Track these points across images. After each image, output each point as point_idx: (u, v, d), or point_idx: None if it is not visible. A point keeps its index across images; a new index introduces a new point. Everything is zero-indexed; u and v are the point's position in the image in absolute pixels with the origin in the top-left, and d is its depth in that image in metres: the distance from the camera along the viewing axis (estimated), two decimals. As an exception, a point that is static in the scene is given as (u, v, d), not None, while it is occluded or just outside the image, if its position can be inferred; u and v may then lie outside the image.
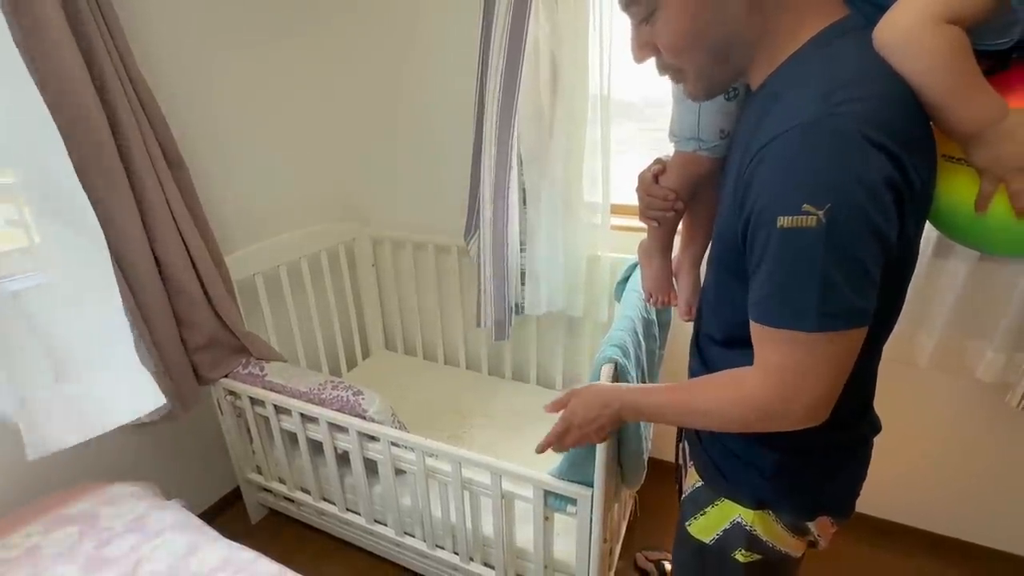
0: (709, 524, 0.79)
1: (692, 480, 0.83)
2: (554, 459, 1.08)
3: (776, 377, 0.57)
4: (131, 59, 1.21)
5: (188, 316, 1.38)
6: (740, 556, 0.76)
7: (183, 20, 1.45)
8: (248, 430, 1.59)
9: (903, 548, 1.60)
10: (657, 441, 1.86)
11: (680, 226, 0.95)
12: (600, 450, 1.00)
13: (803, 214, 0.49)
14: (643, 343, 1.13)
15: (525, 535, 1.23)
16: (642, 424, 1.11)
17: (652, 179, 0.86)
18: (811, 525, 0.75)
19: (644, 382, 1.16)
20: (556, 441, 0.84)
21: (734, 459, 0.74)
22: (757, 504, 0.73)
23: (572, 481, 1.06)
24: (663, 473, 1.87)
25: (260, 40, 1.66)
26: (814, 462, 0.71)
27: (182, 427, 1.59)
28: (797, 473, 0.71)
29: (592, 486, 1.03)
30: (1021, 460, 1.41)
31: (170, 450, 1.60)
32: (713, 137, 0.76)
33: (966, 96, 0.49)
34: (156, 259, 1.31)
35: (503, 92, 1.45)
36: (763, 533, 0.74)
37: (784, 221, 0.50)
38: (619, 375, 0.97)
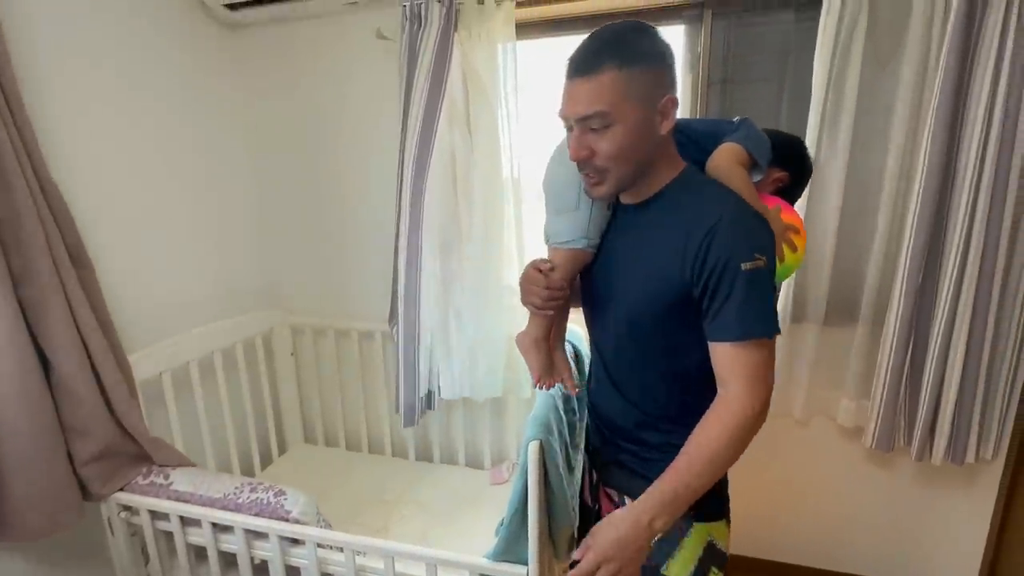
0: (687, 557, 0.87)
1: None
2: (488, 542, 1.11)
3: (755, 380, 0.77)
4: (45, 170, 1.20)
5: (78, 422, 1.26)
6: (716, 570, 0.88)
7: (98, 129, 1.45)
8: (143, 552, 1.42)
9: None
10: (585, 512, 1.90)
11: None
12: (532, 527, 1.05)
13: (756, 259, 0.74)
14: (564, 416, 1.22)
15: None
16: (570, 498, 1.18)
17: (545, 276, 0.93)
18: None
19: (568, 453, 1.25)
20: None
21: None
22: (720, 513, 0.88)
23: (507, 561, 1.08)
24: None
25: (169, 129, 1.68)
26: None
27: (60, 568, 1.38)
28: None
29: (527, 564, 1.06)
30: (878, 494, 1.64)
31: (41, 587, 1.37)
32: (597, 235, 0.95)
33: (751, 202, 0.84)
34: (45, 363, 1.21)
35: (413, 182, 1.60)
36: (721, 541, 0.88)
37: (746, 265, 0.74)
38: (545, 451, 1.04)
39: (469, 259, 1.69)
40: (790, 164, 1.04)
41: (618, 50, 0.76)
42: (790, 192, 1.07)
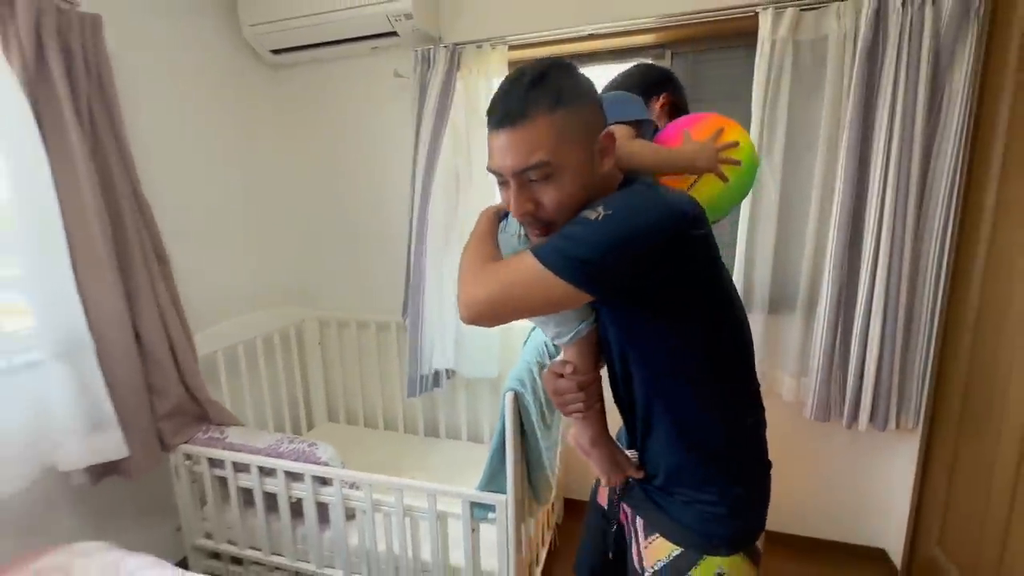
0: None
1: (666, 550, 0.83)
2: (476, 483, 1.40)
3: (498, 278, 0.73)
4: (139, 184, 1.55)
5: (160, 384, 1.60)
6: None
7: (174, 151, 1.82)
8: (201, 495, 1.74)
9: None
10: (573, 483, 2.18)
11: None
12: (509, 464, 1.33)
13: (596, 210, 0.70)
14: (538, 380, 1.51)
15: (458, 556, 1.48)
16: (544, 450, 1.46)
17: (568, 377, 0.85)
18: (759, 544, 0.84)
19: (543, 412, 1.53)
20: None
21: (712, 515, 0.80)
22: (732, 545, 0.80)
23: (490, 491, 1.37)
24: (582, 512, 2.18)
25: (225, 153, 2.06)
26: (750, 480, 0.83)
27: (127, 499, 1.72)
28: (741, 516, 0.82)
29: (506, 493, 1.35)
30: (819, 460, 1.88)
31: (114, 524, 1.70)
32: (589, 307, 0.83)
33: (671, 159, 0.88)
34: (137, 335, 1.55)
35: (422, 194, 1.93)
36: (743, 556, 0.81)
37: (585, 212, 0.72)
38: (519, 402, 1.33)
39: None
40: (661, 86, 1.04)
41: (547, 92, 0.68)
42: (681, 107, 1.06)
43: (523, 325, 2.02)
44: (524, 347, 1.69)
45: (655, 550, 0.85)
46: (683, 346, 0.78)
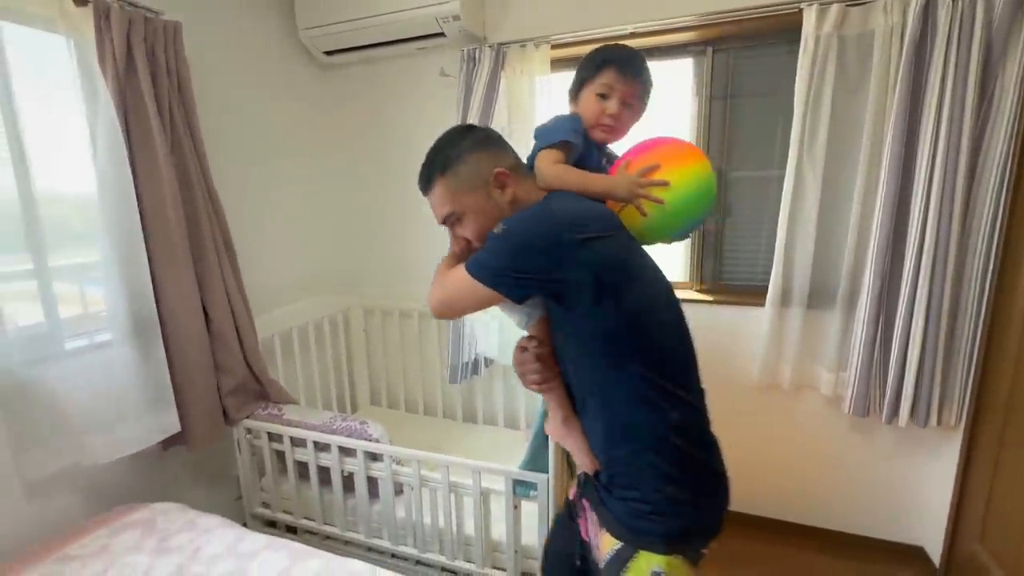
0: (637, 569, 0.85)
1: (610, 544, 0.89)
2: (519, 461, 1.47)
3: (442, 287, 0.95)
4: (211, 179, 1.69)
5: (226, 363, 1.73)
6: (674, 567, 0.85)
7: (237, 147, 1.96)
8: (260, 467, 1.87)
9: (778, 539, 1.99)
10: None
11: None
12: (551, 444, 1.40)
13: (499, 228, 0.86)
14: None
15: (498, 531, 1.56)
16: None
17: (531, 350, 0.97)
18: (703, 548, 0.88)
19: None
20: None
21: (638, 511, 0.86)
22: (668, 547, 0.84)
23: (533, 470, 1.44)
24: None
25: (281, 150, 2.18)
26: (683, 481, 0.86)
27: (193, 470, 1.87)
28: (678, 516, 0.85)
29: (548, 472, 1.42)
30: (858, 455, 1.88)
31: (181, 491, 1.85)
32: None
33: (590, 185, 0.90)
34: (207, 318, 1.69)
35: None
36: (681, 558, 0.85)
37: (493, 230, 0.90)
38: (562, 385, 1.40)
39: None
40: (606, 64, 0.98)
41: (437, 163, 0.93)
42: (642, 97, 1.02)
43: (561, 316, 2.08)
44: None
45: (604, 543, 0.91)
46: (603, 343, 0.85)
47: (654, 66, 1.07)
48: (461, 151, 0.93)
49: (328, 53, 2.21)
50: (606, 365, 0.86)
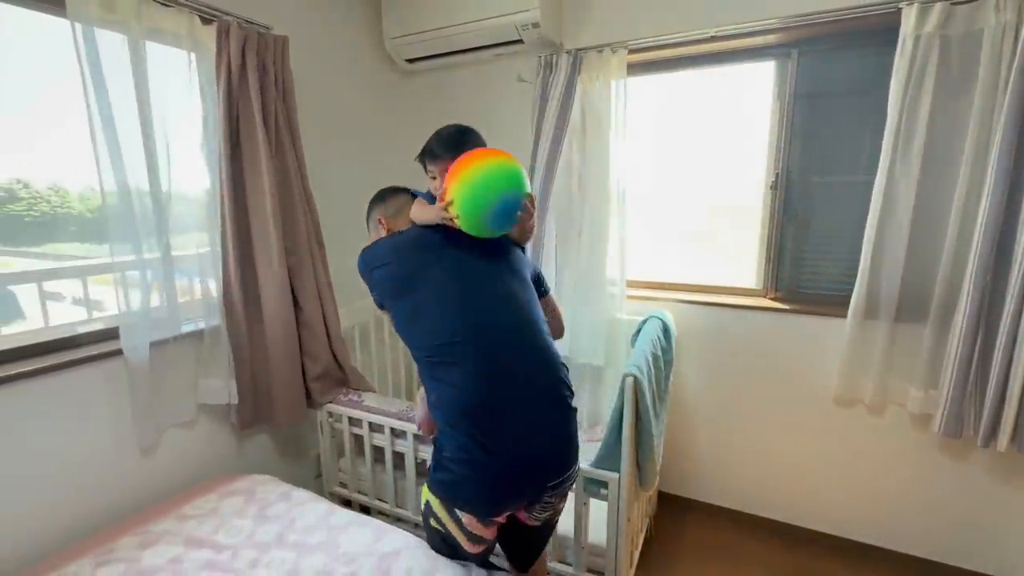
0: (423, 495, 1.17)
1: None
2: (590, 458, 1.50)
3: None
4: (307, 179, 1.83)
5: (313, 350, 1.87)
6: (432, 522, 1.15)
7: (327, 148, 2.10)
8: (339, 449, 2.00)
9: (853, 560, 1.90)
10: (670, 477, 2.22)
11: None
12: (625, 444, 1.42)
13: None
14: (653, 371, 1.58)
15: (564, 527, 1.59)
16: (655, 436, 1.53)
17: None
18: (459, 513, 1.07)
19: (656, 402, 1.60)
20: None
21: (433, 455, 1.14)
22: (431, 487, 1.11)
23: (604, 469, 1.47)
24: (675, 507, 2.23)
25: (363, 151, 2.32)
26: (444, 466, 1.08)
27: (277, 448, 2.02)
28: (441, 470, 1.08)
29: (620, 472, 1.44)
30: (947, 478, 1.77)
31: (267, 467, 2.01)
32: None
33: (425, 216, 1.24)
34: (298, 307, 1.83)
35: (542, 187, 2.06)
36: (436, 510, 1.11)
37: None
38: (638, 386, 1.42)
39: (580, 250, 2.13)
40: (423, 156, 1.40)
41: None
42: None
43: (630, 319, 2.09)
44: (637, 339, 1.78)
45: None
46: (407, 341, 1.18)
47: (736, 69, 1.13)
48: (371, 203, 1.41)
49: (410, 61, 2.33)
50: (415, 356, 1.16)
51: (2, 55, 1.37)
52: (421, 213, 1.25)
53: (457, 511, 1.08)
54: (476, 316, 1.09)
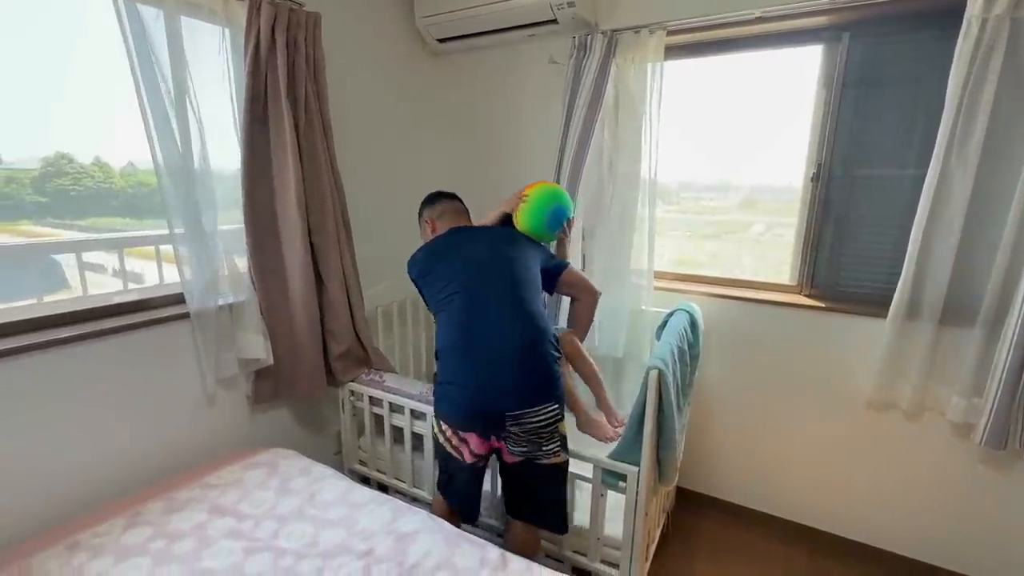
0: None
1: None
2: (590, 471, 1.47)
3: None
4: (335, 157, 1.82)
5: (336, 329, 1.88)
6: (434, 429, 1.46)
7: (356, 127, 2.09)
8: (359, 427, 2.03)
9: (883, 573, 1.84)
10: (690, 472, 2.19)
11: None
12: (645, 438, 1.39)
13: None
14: (678, 364, 1.54)
15: (580, 518, 1.58)
16: (677, 432, 1.50)
17: None
18: (443, 425, 1.40)
19: (679, 397, 1.56)
20: None
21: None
22: (435, 416, 1.44)
23: (623, 462, 1.44)
24: (694, 503, 2.19)
25: (396, 137, 2.31)
26: (436, 388, 1.42)
27: (300, 423, 2.06)
28: (435, 391, 1.43)
29: (639, 465, 1.41)
30: (988, 491, 1.68)
31: (289, 442, 2.05)
32: None
33: (501, 210, 1.75)
34: (322, 286, 1.84)
35: (568, 182, 2.01)
36: (434, 421, 1.46)
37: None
38: (662, 380, 1.38)
39: (607, 237, 2.08)
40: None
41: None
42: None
43: (655, 311, 2.04)
44: (663, 331, 1.73)
45: None
46: (427, 303, 1.54)
47: (780, 54, 1.05)
48: (420, 207, 1.77)
49: (441, 40, 2.29)
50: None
51: (40, 28, 1.40)
52: (498, 209, 1.73)
53: (442, 423, 1.42)
54: (469, 282, 1.42)
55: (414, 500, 1.94)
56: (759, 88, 1.98)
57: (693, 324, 1.77)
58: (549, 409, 1.32)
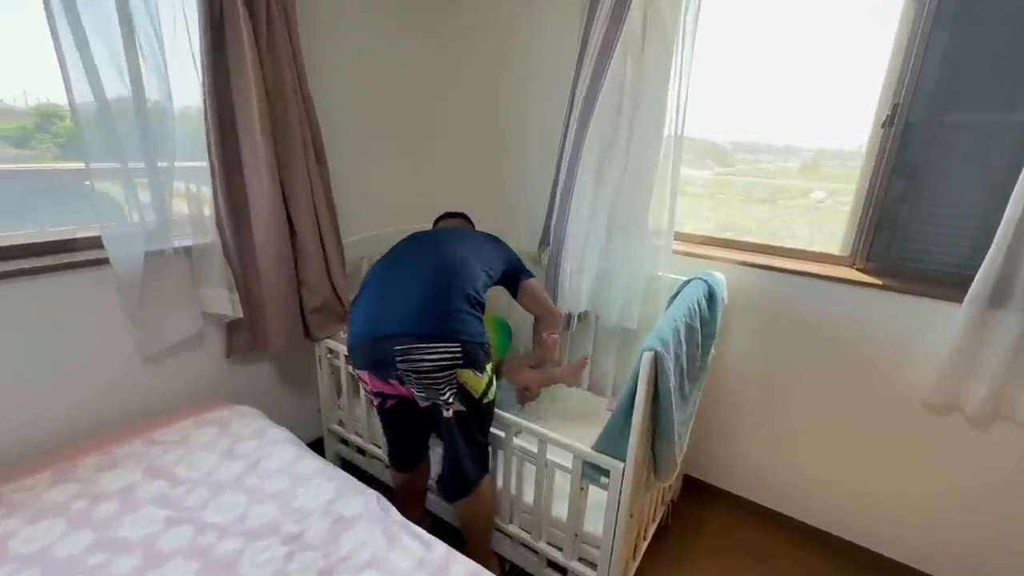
0: None
1: None
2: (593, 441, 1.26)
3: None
4: (305, 80, 1.58)
5: (310, 280, 1.71)
6: None
7: (339, 48, 1.84)
8: (338, 386, 1.89)
9: None
10: (697, 460, 1.95)
11: None
12: (633, 429, 1.16)
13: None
14: (684, 345, 1.28)
15: (559, 509, 1.39)
16: (676, 420, 1.25)
17: None
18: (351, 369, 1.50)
19: (683, 381, 1.31)
20: None
21: None
22: None
23: (606, 455, 1.22)
24: (701, 494, 1.97)
25: (391, 65, 2.03)
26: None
27: (285, 379, 1.94)
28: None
29: (624, 460, 1.19)
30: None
31: (273, 397, 1.94)
32: None
33: None
34: (293, 231, 1.65)
35: (578, 123, 1.70)
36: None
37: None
38: (658, 364, 1.13)
39: (621, 189, 1.78)
40: None
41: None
42: None
43: (673, 278, 1.76)
44: (671, 303, 1.46)
45: None
46: None
47: None
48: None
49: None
50: None
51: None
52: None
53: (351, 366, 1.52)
54: (393, 259, 1.47)
55: (387, 467, 1.81)
56: (823, 17, 1.58)
57: (711, 297, 1.48)
58: (443, 349, 1.21)
